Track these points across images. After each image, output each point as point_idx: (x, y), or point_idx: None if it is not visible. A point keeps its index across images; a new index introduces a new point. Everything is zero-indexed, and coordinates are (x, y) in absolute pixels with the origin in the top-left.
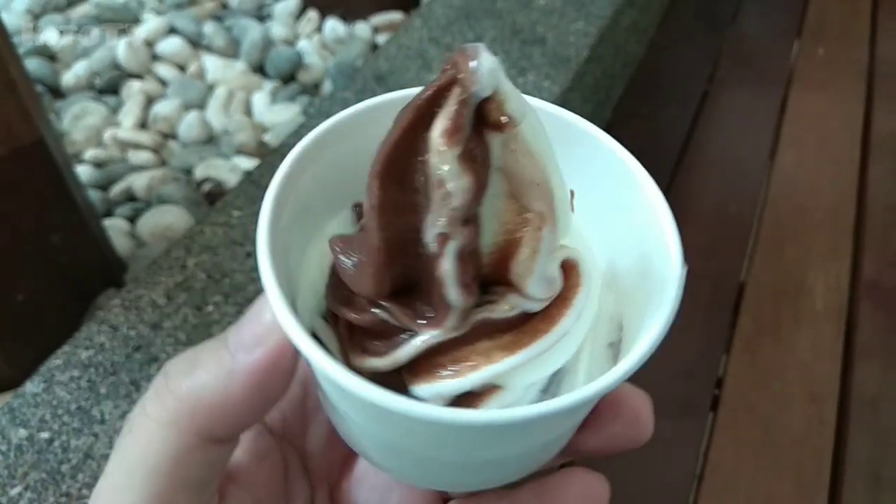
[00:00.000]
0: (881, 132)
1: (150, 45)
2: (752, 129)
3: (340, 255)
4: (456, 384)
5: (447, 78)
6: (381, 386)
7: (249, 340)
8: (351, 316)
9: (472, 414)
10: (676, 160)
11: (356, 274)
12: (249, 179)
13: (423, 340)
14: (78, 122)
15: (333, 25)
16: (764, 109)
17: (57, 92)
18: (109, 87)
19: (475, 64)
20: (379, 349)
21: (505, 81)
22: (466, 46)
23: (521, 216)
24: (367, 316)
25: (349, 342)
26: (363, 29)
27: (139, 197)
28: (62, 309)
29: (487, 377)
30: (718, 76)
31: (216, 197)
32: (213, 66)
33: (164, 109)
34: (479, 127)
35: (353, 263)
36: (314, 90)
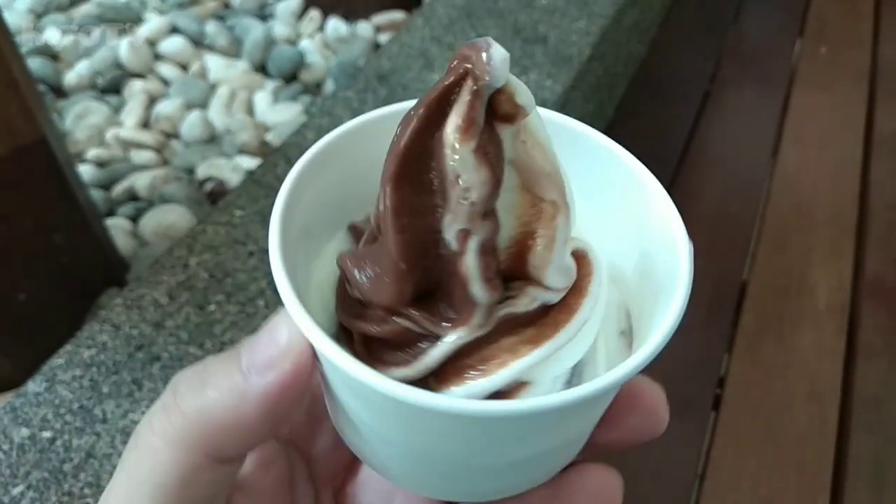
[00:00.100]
0: (883, 131)
1: (152, 44)
2: (754, 128)
3: (353, 269)
4: (487, 383)
5: (458, 73)
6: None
7: (263, 362)
8: (370, 329)
9: (520, 404)
10: (678, 160)
11: (374, 285)
12: (251, 179)
13: (450, 342)
14: (80, 121)
15: (335, 25)
16: (766, 109)
17: (59, 91)
18: (112, 86)
19: (488, 55)
20: (402, 359)
21: (510, 74)
22: (475, 40)
23: (534, 208)
24: (387, 326)
25: (368, 357)
26: (365, 28)
27: (141, 196)
28: (64, 308)
29: (516, 373)
30: (720, 76)
31: (218, 196)
32: (215, 65)
33: (166, 109)
34: (489, 120)
35: (368, 276)
36: (316, 89)
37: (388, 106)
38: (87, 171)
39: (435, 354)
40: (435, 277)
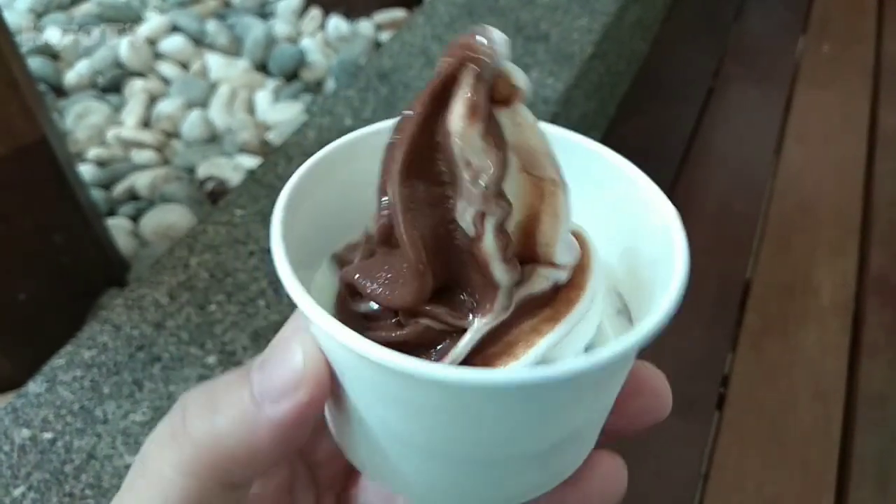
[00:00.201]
0: (887, 129)
1: (152, 43)
2: (757, 125)
3: (364, 281)
4: (520, 365)
5: (455, 63)
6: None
7: (277, 389)
8: (391, 336)
9: (574, 363)
10: (681, 157)
11: (392, 288)
12: (252, 178)
13: (475, 331)
14: (81, 121)
15: (336, 23)
16: (769, 106)
17: (60, 91)
18: (112, 85)
19: (489, 38)
20: (425, 359)
21: None
22: (472, 28)
23: (536, 188)
24: (404, 330)
25: None
26: (366, 26)
27: (142, 196)
28: (65, 308)
29: (543, 351)
30: (723, 73)
31: (219, 196)
32: (215, 64)
33: (166, 108)
34: (487, 105)
35: (384, 282)
36: (317, 88)
37: (346, 136)
38: (87, 170)
39: (463, 346)
40: (453, 269)
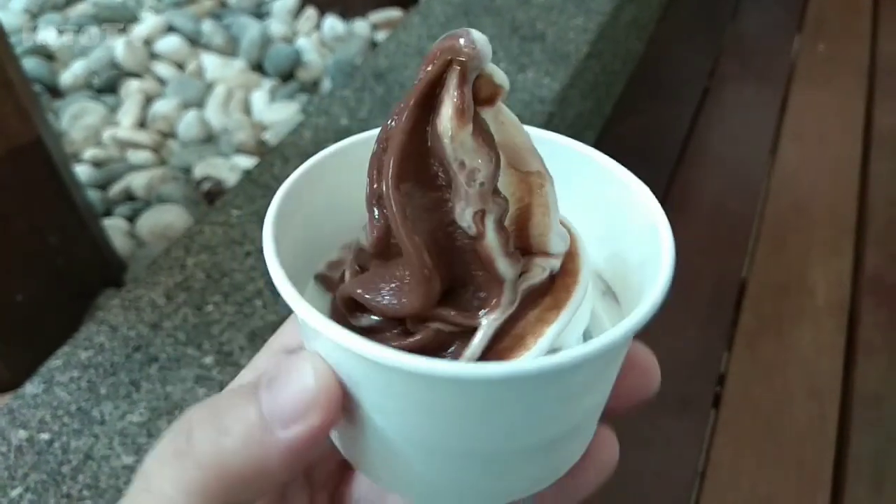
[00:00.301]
0: (882, 128)
1: (148, 43)
2: (752, 125)
3: (366, 294)
4: (533, 356)
5: (439, 66)
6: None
7: (287, 413)
8: (403, 344)
9: (583, 348)
10: (677, 157)
11: (399, 297)
12: (249, 178)
13: (487, 327)
14: (76, 121)
15: (332, 23)
16: (764, 106)
17: (55, 91)
18: (108, 86)
19: (469, 39)
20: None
21: None
22: (451, 31)
23: (524, 182)
24: (412, 338)
25: None
26: (362, 26)
27: (138, 196)
28: (61, 309)
29: (552, 338)
30: (719, 72)
31: (215, 196)
32: (211, 64)
33: (162, 108)
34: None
35: (389, 292)
36: (313, 88)
37: (316, 155)
38: (83, 171)
39: (476, 345)
40: (456, 271)
